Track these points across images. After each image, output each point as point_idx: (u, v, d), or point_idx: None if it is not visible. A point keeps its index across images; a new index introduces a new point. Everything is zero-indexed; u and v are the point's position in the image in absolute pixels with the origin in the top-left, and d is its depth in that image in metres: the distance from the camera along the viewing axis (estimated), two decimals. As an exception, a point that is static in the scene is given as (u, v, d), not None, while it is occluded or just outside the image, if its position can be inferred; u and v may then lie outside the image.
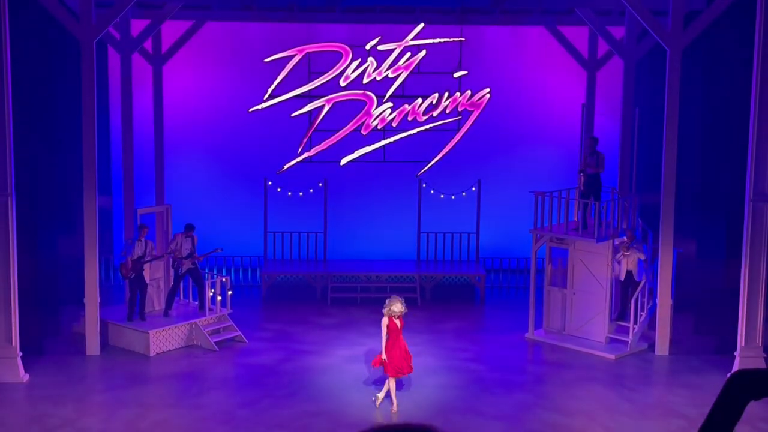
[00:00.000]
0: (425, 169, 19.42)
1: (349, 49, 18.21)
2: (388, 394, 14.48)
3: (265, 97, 18.30)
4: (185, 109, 22.41)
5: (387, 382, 14.53)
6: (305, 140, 18.78)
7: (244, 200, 22.63)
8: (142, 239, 17.20)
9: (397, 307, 14.34)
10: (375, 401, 14.54)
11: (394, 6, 20.20)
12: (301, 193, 21.82)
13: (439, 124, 18.86)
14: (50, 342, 17.00)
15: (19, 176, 15.47)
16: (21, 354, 15.44)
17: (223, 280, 17.98)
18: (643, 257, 17.24)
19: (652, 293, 17.58)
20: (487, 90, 18.78)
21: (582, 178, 17.86)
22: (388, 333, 14.33)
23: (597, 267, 17.46)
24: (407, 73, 18.29)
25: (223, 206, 22.63)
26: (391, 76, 18.30)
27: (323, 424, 13.97)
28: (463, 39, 19.19)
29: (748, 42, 15.63)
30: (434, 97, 18.59)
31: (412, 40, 18.27)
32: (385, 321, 14.35)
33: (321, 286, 20.94)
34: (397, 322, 14.35)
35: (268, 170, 21.21)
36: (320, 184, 21.66)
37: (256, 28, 21.98)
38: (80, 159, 16.46)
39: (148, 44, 20.95)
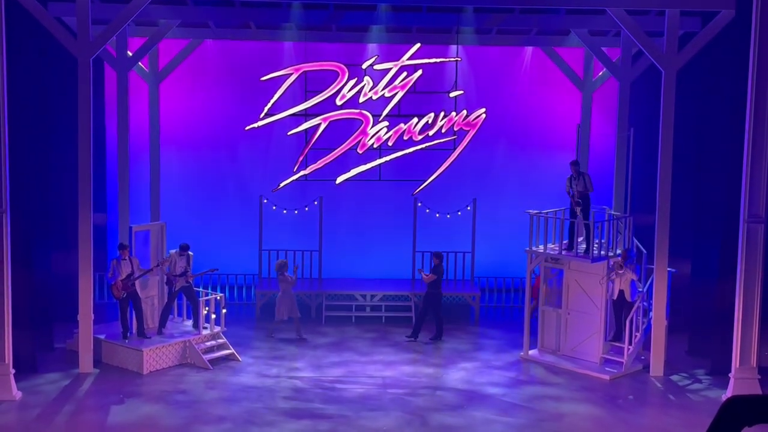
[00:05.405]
0: (421, 188, 19.45)
1: (345, 68, 18.27)
2: None
3: (262, 115, 18.35)
4: (181, 126, 22.44)
5: None
6: (301, 158, 18.79)
7: (240, 218, 22.64)
8: (126, 258, 17.12)
9: None
10: None
11: (390, 26, 20.30)
12: (296, 212, 21.84)
13: (435, 144, 18.90)
14: (43, 359, 16.94)
15: (13, 192, 15.44)
16: (14, 371, 15.39)
17: (218, 297, 17.96)
18: (635, 278, 17.23)
19: (647, 314, 17.57)
20: (483, 110, 18.84)
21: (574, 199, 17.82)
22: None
23: (592, 287, 17.45)
24: (403, 92, 18.34)
25: (218, 224, 22.62)
26: (387, 95, 18.35)
27: (317, 443, 13.92)
28: (459, 59, 19.27)
29: (743, 63, 15.70)
30: (430, 117, 18.64)
31: (408, 59, 18.34)
32: None
33: (315, 305, 20.92)
34: None
35: (264, 188, 21.23)
36: (316, 203, 21.67)
37: (253, 46, 22.04)
38: (75, 176, 16.47)
39: (144, 62, 20.99)
